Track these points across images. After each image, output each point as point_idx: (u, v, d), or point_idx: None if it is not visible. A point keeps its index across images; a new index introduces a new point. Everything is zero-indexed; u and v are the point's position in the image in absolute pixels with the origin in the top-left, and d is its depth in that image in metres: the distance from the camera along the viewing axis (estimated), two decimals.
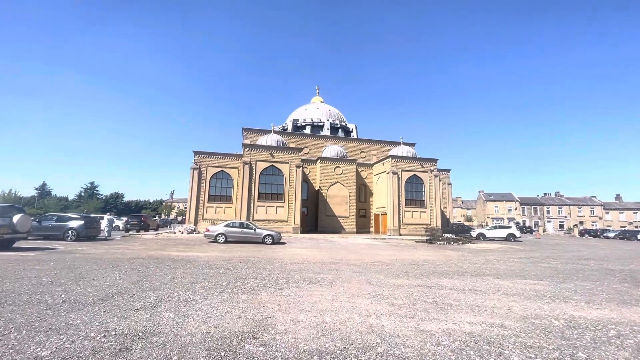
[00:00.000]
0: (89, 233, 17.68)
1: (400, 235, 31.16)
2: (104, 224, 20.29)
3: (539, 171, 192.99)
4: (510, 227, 31.71)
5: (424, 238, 26.62)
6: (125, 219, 27.92)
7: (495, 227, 32.11)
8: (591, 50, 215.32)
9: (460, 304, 6.42)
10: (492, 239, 30.17)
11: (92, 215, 31.45)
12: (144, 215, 28.93)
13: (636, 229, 47.11)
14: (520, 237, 31.67)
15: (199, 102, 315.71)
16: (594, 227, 64.50)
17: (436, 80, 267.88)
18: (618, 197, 76.65)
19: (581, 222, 70.31)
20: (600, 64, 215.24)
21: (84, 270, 8.59)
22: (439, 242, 24.39)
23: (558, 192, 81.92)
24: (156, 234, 24.77)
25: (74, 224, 17.04)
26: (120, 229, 28.81)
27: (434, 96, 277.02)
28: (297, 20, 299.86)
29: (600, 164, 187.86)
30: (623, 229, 52.27)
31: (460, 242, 24.84)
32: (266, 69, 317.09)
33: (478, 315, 5.62)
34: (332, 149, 37.50)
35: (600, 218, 71.05)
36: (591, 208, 72.63)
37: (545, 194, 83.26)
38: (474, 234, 31.33)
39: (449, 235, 28.04)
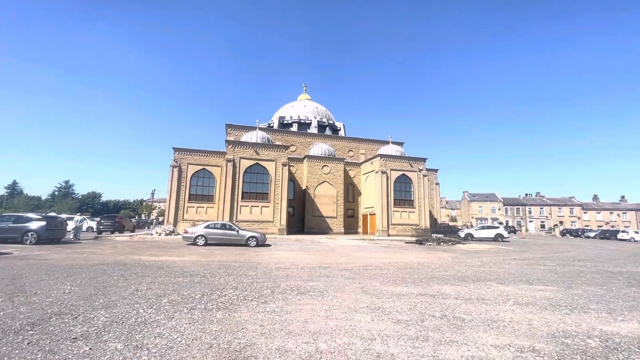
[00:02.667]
0: (51, 235, 15.96)
1: (389, 235, 30.49)
2: (71, 225, 18.55)
3: (519, 171, 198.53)
4: (498, 228, 31.60)
5: (414, 239, 26.03)
6: (98, 219, 26.00)
7: (483, 228, 31.96)
8: (573, 52, 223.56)
9: (474, 318, 5.56)
10: (480, 240, 29.94)
11: (64, 215, 29.22)
12: (118, 216, 26.98)
13: (614, 229, 48.37)
14: (508, 237, 31.64)
15: (181, 98, 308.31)
16: (574, 227, 66.17)
17: (423, 80, 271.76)
18: (595, 197, 79.14)
19: (561, 222, 72.11)
20: (583, 66, 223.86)
21: (29, 281, 7.24)
22: (429, 243, 23.80)
23: (539, 193, 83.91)
24: (130, 236, 23.05)
25: (34, 225, 15.30)
26: (94, 230, 26.86)
27: (420, 96, 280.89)
28: (283, 18, 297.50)
29: (578, 165, 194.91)
30: (603, 229, 53.68)
31: (450, 243, 24.35)
32: (251, 66, 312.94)
33: (500, 334, 4.74)
34: (319, 148, 36.46)
35: (579, 218, 73.09)
36: (570, 208, 74.64)
37: (526, 194, 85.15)
38: (462, 234, 31.05)
39: (438, 235, 27.59)
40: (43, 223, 15.50)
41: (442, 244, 23.89)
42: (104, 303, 5.58)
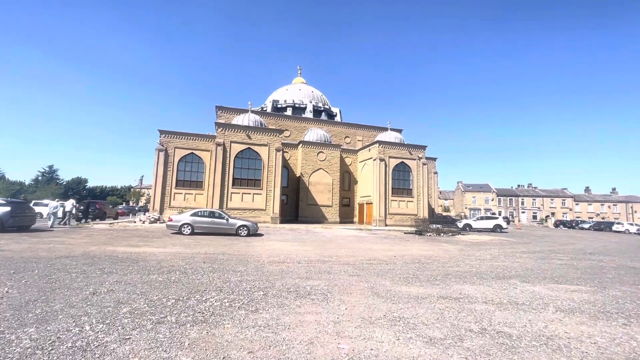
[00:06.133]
0: (18, 222, 14.33)
1: (386, 225, 29.46)
2: (45, 212, 16.89)
3: (512, 163, 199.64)
4: (497, 218, 30.85)
5: (413, 229, 25.04)
6: (76, 205, 24.21)
7: (481, 218, 31.15)
8: (568, 48, 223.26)
9: (521, 333, 4.38)
10: (479, 230, 29.18)
11: (48, 201, 27.22)
12: (99, 202, 25.28)
13: (609, 221, 48.40)
14: (506, 228, 30.97)
15: (170, 81, 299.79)
16: (565, 218, 66.58)
17: (419, 70, 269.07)
18: (587, 189, 79.73)
19: (553, 213, 72.50)
20: (576, 61, 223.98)
21: None
22: (428, 234, 22.84)
23: (530, 184, 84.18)
24: (111, 223, 21.44)
25: None
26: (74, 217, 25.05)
27: (415, 86, 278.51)
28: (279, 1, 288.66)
29: (570, 157, 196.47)
30: (597, 220, 53.85)
31: (450, 234, 23.46)
32: (244, 47, 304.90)
33: None
34: (315, 133, 34.85)
35: (570, 209, 73.59)
36: (563, 200, 75.03)
37: (519, 185, 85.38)
38: (460, 224, 30.23)
39: (437, 226, 26.64)
40: (8, 209, 13.84)
41: (442, 234, 22.97)
42: (41, 314, 4.21)
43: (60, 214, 18.85)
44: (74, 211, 20.07)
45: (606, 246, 19.40)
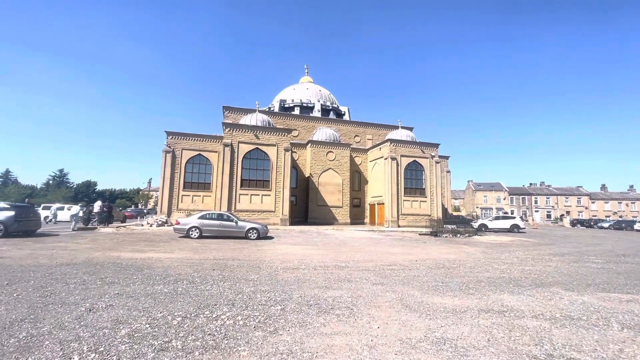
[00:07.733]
0: (23, 227, 13.92)
1: (399, 226, 28.56)
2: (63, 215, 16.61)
3: (523, 161, 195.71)
4: (514, 218, 29.68)
5: (427, 230, 24.15)
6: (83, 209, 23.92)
7: (497, 218, 30.03)
8: (579, 45, 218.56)
9: None
10: (495, 230, 28.12)
11: (56, 205, 27.11)
12: (105, 205, 24.95)
13: (630, 220, 46.57)
14: (524, 228, 29.79)
15: (178, 83, 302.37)
16: (581, 217, 64.64)
17: (429, 68, 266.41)
18: (603, 187, 77.28)
19: (567, 212, 70.41)
20: (588, 58, 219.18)
21: None
22: (444, 235, 21.94)
23: (543, 182, 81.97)
24: (117, 227, 21.03)
25: (1, 215, 13.27)
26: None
27: (423, 84, 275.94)
28: None
29: (584, 155, 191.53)
30: (618, 219, 51.91)
31: (466, 235, 22.51)
32: (250, 47, 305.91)
33: None
34: (324, 132, 34.14)
35: (586, 208, 71.37)
36: (578, 198, 72.82)
37: (531, 183, 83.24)
38: (475, 225, 29.17)
39: (451, 226, 25.70)
40: (11, 213, 13.46)
41: (458, 235, 22.05)
42: (25, 339, 3.58)
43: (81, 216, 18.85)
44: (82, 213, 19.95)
45: (636, 247, 18.27)
